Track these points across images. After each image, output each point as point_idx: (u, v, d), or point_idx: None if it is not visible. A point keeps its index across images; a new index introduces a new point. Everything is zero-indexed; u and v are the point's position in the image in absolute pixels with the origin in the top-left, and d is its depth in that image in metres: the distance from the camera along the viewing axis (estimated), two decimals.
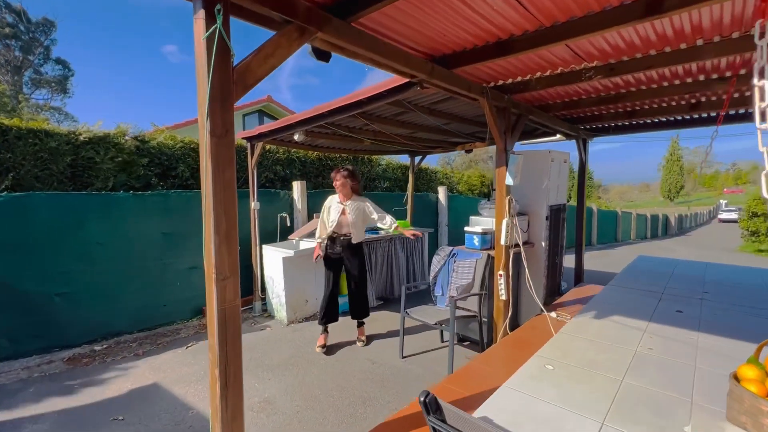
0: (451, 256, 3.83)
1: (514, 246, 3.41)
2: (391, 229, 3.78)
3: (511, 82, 3.02)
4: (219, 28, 1.35)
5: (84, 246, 3.93)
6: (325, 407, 2.83)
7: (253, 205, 4.86)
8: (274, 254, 4.66)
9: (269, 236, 5.29)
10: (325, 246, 3.79)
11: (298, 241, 5.12)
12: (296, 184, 5.69)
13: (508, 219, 3.25)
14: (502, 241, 3.27)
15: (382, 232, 5.47)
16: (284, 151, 6.03)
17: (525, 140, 5.36)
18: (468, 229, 4.03)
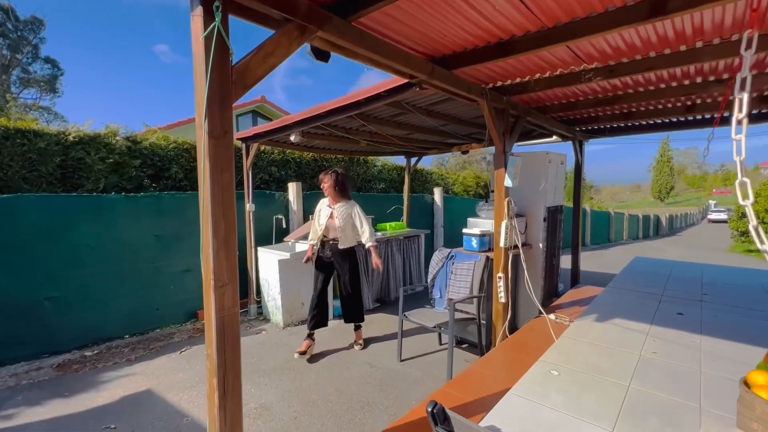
0: (450, 259, 3.81)
1: (512, 248, 3.40)
2: (367, 245, 3.66)
3: (510, 83, 3.01)
4: (218, 26, 1.30)
5: (74, 249, 3.84)
6: (324, 413, 2.78)
7: (249, 207, 4.80)
8: (270, 257, 4.60)
9: (264, 238, 5.22)
10: (318, 249, 3.75)
11: (294, 243, 5.05)
12: (292, 186, 5.63)
13: (507, 221, 3.23)
14: (501, 243, 3.26)
15: (379, 234, 5.44)
16: (279, 152, 5.96)
17: (521, 141, 5.36)
18: (466, 231, 4.02)
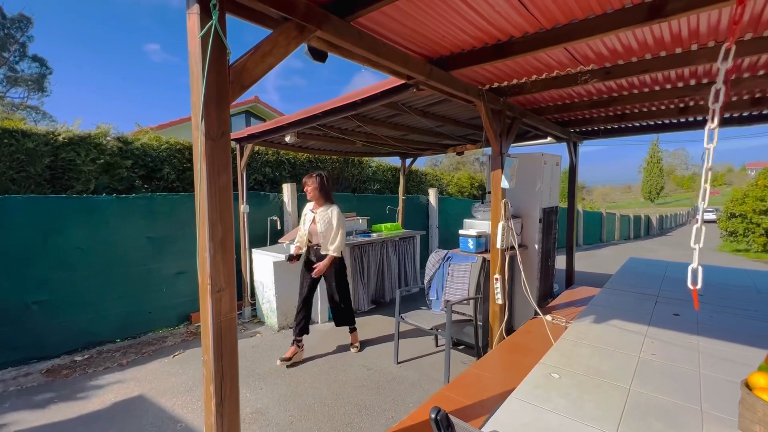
0: (446, 260, 3.79)
1: (509, 249, 3.40)
2: (329, 252, 3.46)
3: (507, 84, 3.01)
4: (215, 24, 1.27)
5: (64, 251, 3.76)
6: (320, 417, 2.75)
7: (243, 209, 4.74)
8: (265, 259, 4.55)
9: (259, 240, 5.16)
10: (305, 252, 3.68)
11: (289, 244, 5.00)
12: (286, 187, 5.58)
13: (504, 222, 3.23)
14: (498, 245, 3.25)
15: (374, 236, 5.41)
16: (273, 152, 5.91)
17: (516, 143, 5.38)
18: (462, 232, 4.01)
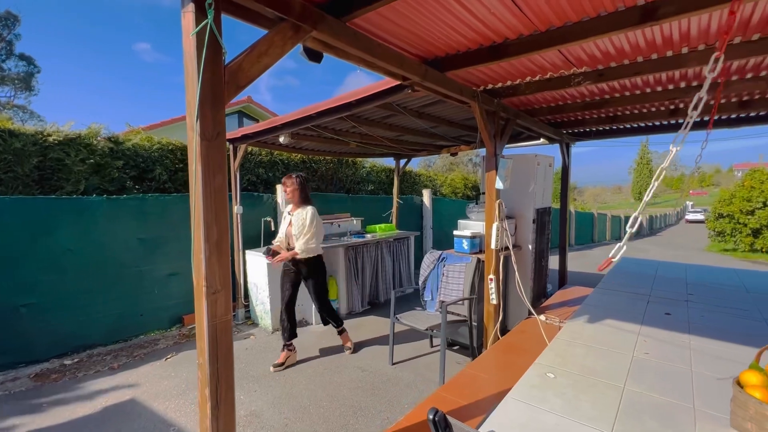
0: (441, 261, 3.80)
1: (503, 249, 3.42)
2: (295, 249, 3.37)
3: (501, 86, 3.03)
4: (210, 24, 1.26)
5: (53, 253, 3.69)
6: (315, 419, 2.74)
7: (236, 210, 4.70)
8: (258, 260, 4.51)
9: (252, 241, 5.12)
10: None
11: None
12: (280, 188, 5.54)
13: (498, 223, 3.25)
14: (492, 245, 3.27)
15: (369, 236, 5.41)
16: (267, 153, 5.87)
17: (510, 144, 5.41)
18: (457, 233, 4.02)
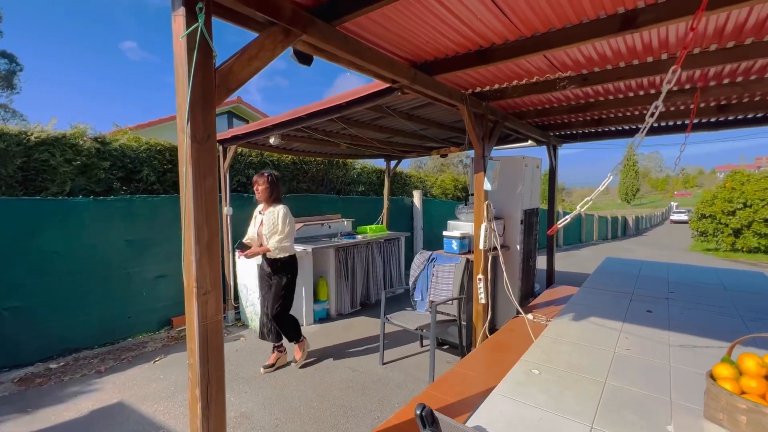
0: (431, 261, 3.85)
1: (491, 250, 3.47)
2: (268, 246, 3.31)
3: (489, 89, 3.09)
4: (201, 28, 1.27)
5: (38, 255, 3.63)
6: (306, 419, 2.75)
7: (226, 211, 4.68)
8: (248, 261, 4.49)
9: None
10: (262, 259, 3.46)
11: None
12: None
13: (487, 224, 3.30)
14: (480, 246, 3.32)
15: (359, 237, 5.43)
16: (257, 154, 5.85)
17: (498, 146, 5.49)
18: (447, 234, 4.07)
